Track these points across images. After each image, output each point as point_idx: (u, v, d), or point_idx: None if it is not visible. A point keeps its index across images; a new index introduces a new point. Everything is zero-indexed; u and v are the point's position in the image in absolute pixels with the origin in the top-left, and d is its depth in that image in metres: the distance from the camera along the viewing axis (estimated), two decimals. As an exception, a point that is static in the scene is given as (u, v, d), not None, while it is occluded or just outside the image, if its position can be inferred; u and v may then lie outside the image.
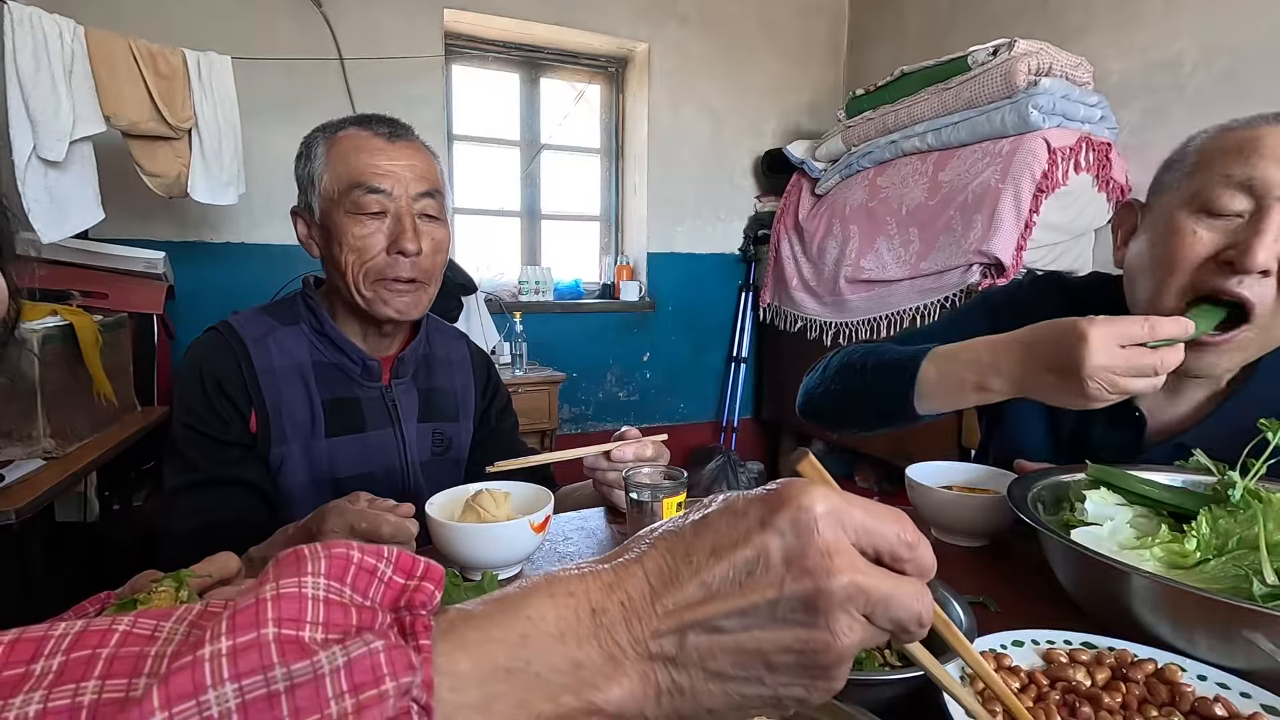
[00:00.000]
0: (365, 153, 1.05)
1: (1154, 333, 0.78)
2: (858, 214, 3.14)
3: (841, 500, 0.34)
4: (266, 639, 0.27)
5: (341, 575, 0.32)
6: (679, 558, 0.34)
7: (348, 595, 0.31)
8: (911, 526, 0.35)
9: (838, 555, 0.32)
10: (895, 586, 0.33)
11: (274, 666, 0.27)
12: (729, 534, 0.34)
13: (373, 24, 3.04)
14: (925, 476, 1.01)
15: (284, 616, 0.28)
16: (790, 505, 0.33)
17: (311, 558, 0.32)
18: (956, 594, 0.70)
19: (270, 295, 2.44)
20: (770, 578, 0.32)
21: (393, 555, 0.34)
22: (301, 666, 0.27)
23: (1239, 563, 0.67)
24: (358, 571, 0.32)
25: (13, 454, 1.72)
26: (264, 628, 0.28)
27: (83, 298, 2.21)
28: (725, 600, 0.33)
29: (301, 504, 1.04)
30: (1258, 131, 0.82)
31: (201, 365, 1.04)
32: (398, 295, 1.08)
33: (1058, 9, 2.91)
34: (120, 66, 2.14)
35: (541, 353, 3.36)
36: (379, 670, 0.28)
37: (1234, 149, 0.82)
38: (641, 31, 3.59)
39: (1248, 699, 0.57)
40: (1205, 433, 0.91)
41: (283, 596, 0.29)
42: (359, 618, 0.30)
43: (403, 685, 0.28)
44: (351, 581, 0.32)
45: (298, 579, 0.30)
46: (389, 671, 0.28)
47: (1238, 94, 2.36)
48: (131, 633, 0.30)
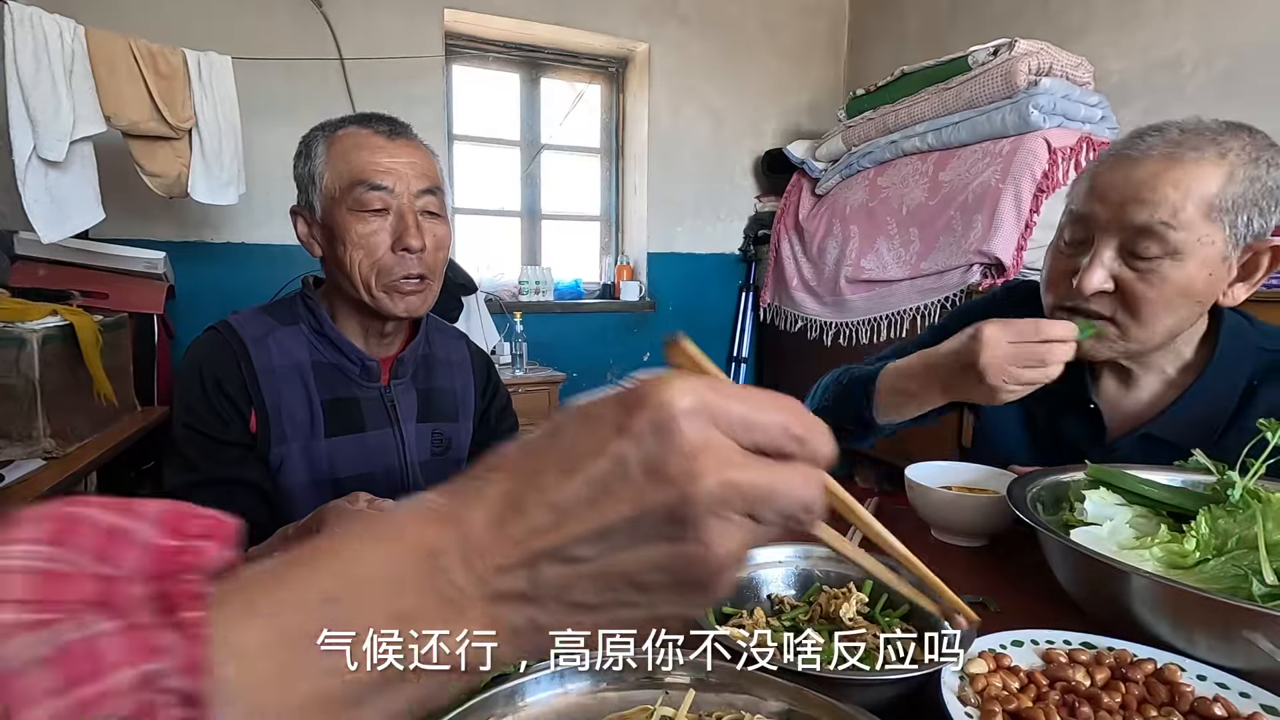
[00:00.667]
0: (366, 150, 1.05)
1: (1039, 332, 0.89)
2: (858, 214, 3.14)
3: (711, 392, 0.29)
4: None
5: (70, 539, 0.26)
6: (526, 479, 0.29)
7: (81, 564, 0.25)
8: (802, 416, 0.31)
9: (703, 454, 0.27)
10: (774, 476, 0.29)
11: None
12: (582, 445, 0.29)
13: (373, 24, 3.04)
14: (925, 476, 1.01)
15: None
16: (650, 404, 0.28)
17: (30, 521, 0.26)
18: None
19: (270, 295, 2.44)
20: (628, 491, 0.28)
21: (154, 512, 0.28)
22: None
23: (1238, 563, 0.67)
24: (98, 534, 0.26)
25: (13, 454, 1.72)
26: None
27: (83, 298, 2.21)
28: (579, 523, 0.28)
29: (301, 504, 1.04)
30: (1098, 170, 0.91)
31: (201, 365, 1.04)
32: (406, 296, 1.08)
33: (1058, 9, 2.91)
34: (120, 66, 2.14)
35: (542, 353, 3.36)
36: (100, 659, 0.23)
37: (1083, 187, 0.92)
38: (642, 31, 3.59)
39: (1247, 699, 0.57)
40: (1166, 423, 0.97)
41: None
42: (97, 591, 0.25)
43: (143, 674, 0.23)
44: (93, 548, 0.26)
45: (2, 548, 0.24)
46: (119, 659, 0.23)
47: (1238, 93, 2.36)
48: None
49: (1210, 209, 0.83)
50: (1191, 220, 0.83)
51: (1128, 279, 0.88)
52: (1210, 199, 0.83)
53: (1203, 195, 0.83)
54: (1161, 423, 0.97)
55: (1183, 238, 0.84)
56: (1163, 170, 0.84)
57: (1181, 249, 0.84)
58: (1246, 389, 0.93)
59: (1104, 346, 0.94)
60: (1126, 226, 0.86)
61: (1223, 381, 0.94)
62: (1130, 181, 0.86)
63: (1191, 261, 0.85)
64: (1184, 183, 0.83)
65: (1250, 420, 0.82)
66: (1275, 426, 0.74)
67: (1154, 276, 0.86)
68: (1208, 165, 0.83)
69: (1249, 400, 0.92)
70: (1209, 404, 0.94)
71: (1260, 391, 0.92)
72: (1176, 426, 0.95)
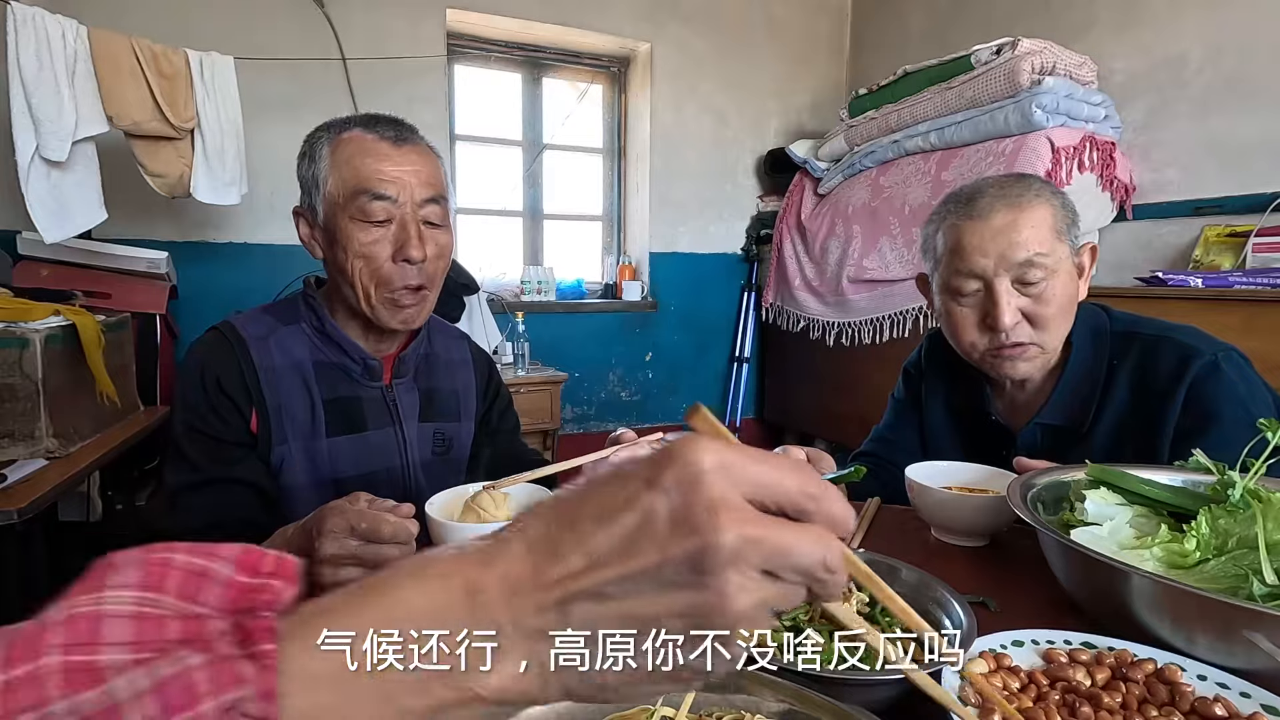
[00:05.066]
0: (371, 157, 1.03)
1: None
2: (860, 213, 3.13)
3: (733, 453, 0.31)
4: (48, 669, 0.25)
5: (158, 584, 0.29)
6: (563, 526, 0.32)
7: (168, 605, 0.29)
8: (816, 478, 0.33)
9: (725, 510, 0.30)
10: (794, 535, 0.31)
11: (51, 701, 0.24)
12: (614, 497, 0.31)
13: (375, 24, 3.04)
14: (925, 476, 1.01)
15: (72, 641, 0.26)
16: (676, 462, 0.31)
17: (121, 567, 0.29)
18: (956, 594, 0.69)
19: (272, 295, 2.44)
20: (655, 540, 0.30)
21: (232, 554, 0.31)
22: (90, 697, 0.24)
23: (1239, 563, 0.67)
24: (184, 576, 0.30)
25: (15, 454, 1.72)
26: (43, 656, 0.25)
27: (85, 297, 2.22)
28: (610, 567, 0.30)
29: (302, 503, 1.04)
30: (959, 232, 1.10)
31: (203, 365, 1.04)
32: (403, 309, 1.07)
33: (1061, 7, 2.91)
34: (123, 67, 2.15)
35: (544, 353, 3.36)
36: (194, 690, 0.25)
37: (954, 249, 1.10)
38: (644, 31, 3.59)
39: (1248, 699, 0.57)
40: (1051, 410, 1.13)
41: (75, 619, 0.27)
42: (183, 630, 0.28)
43: (225, 702, 0.26)
44: (178, 589, 0.29)
45: (97, 595, 0.28)
46: (208, 689, 0.26)
47: (1242, 92, 2.36)
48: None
49: (1055, 232, 1.07)
50: (1051, 245, 1.06)
51: (1027, 305, 1.08)
52: (1053, 225, 1.07)
53: (1049, 225, 1.06)
54: (1047, 411, 1.14)
55: (1051, 260, 1.06)
56: (1015, 217, 1.06)
57: (1055, 270, 1.06)
58: (1109, 367, 1.11)
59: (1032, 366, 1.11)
60: (1012, 265, 1.06)
61: (1087, 365, 1.12)
62: (998, 232, 1.06)
63: (1063, 275, 1.07)
64: (1034, 221, 1.06)
65: (1118, 392, 1.08)
66: (1275, 426, 0.74)
67: (1046, 295, 1.07)
68: (1039, 204, 1.07)
69: (1113, 376, 1.10)
70: (1080, 385, 1.12)
71: (1119, 366, 1.10)
72: (1059, 411, 1.13)
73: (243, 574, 0.31)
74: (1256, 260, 2.23)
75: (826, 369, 3.42)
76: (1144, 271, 2.41)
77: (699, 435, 0.32)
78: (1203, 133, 2.48)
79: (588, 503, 0.32)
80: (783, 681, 0.53)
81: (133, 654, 0.26)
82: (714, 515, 0.29)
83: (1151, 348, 1.08)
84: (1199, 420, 1.00)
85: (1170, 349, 1.06)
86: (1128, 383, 1.08)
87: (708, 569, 0.29)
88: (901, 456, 1.27)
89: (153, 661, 0.26)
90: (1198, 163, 2.50)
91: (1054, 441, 1.14)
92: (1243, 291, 2.02)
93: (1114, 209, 2.66)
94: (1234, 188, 2.40)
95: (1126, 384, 1.08)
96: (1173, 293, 2.17)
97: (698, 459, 0.30)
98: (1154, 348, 1.08)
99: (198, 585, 0.30)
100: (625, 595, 0.30)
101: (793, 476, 0.32)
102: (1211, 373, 1.01)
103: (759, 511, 0.31)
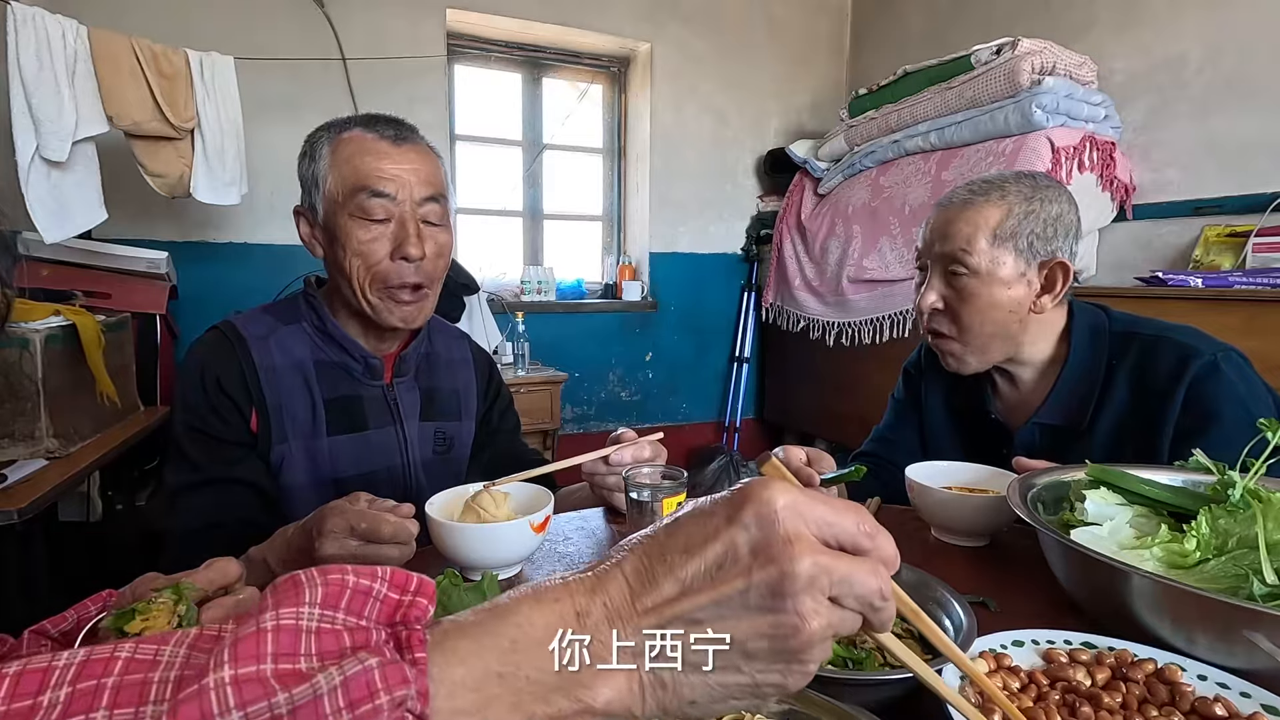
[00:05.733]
0: (371, 156, 1.04)
1: None
2: (860, 213, 3.13)
3: (801, 495, 0.36)
4: (266, 672, 0.29)
5: (336, 602, 0.34)
6: (655, 559, 0.36)
7: (340, 620, 0.33)
8: (870, 519, 0.37)
9: (799, 542, 0.34)
10: (854, 565, 0.35)
11: (276, 693, 0.29)
12: (699, 533, 0.36)
13: (375, 24, 3.04)
14: (925, 476, 1.01)
15: (280, 651, 0.30)
16: (754, 501, 0.35)
17: (309, 585, 0.34)
18: (956, 594, 0.69)
19: (273, 295, 2.44)
20: (739, 568, 0.34)
21: (387, 574, 0.36)
22: (302, 690, 0.29)
23: (1239, 562, 0.67)
24: (353, 594, 0.34)
25: (16, 454, 1.72)
26: (263, 662, 0.30)
27: (85, 298, 2.22)
28: (699, 594, 0.35)
29: (302, 503, 1.04)
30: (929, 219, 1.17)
31: (203, 364, 1.04)
32: (402, 305, 1.08)
33: (1061, 7, 2.91)
34: (123, 67, 2.15)
35: (544, 352, 3.36)
36: (374, 685, 0.29)
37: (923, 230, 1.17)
38: (644, 31, 3.59)
39: (1248, 699, 0.57)
40: (1049, 409, 1.14)
41: (281, 629, 0.31)
42: (352, 639, 0.32)
43: (397, 698, 0.30)
44: (347, 605, 0.34)
45: (295, 609, 0.32)
46: (383, 686, 0.30)
47: (1242, 92, 2.36)
48: (134, 659, 0.31)
49: (995, 236, 1.08)
50: (981, 247, 1.09)
51: (950, 297, 1.13)
52: (993, 228, 1.08)
53: (987, 227, 1.08)
54: (1045, 410, 1.15)
55: (976, 261, 1.09)
56: (959, 213, 1.11)
57: (979, 270, 1.09)
58: (1108, 367, 1.11)
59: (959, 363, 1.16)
60: (939, 257, 1.13)
61: (1085, 364, 1.13)
62: (941, 223, 1.14)
63: (990, 279, 1.09)
64: (974, 220, 1.09)
65: (1118, 392, 1.08)
66: (1275, 426, 0.74)
67: (966, 293, 1.11)
68: (990, 206, 1.09)
69: (1112, 376, 1.10)
70: (1078, 385, 1.12)
71: (1118, 366, 1.10)
72: (1057, 410, 1.14)
73: (395, 591, 0.35)
74: (1256, 260, 2.23)
75: (826, 369, 3.42)
76: (1144, 271, 2.41)
77: (770, 478, 0.37)
78: (1203, 133, 2.48)
79: (676, 537, 0.37)
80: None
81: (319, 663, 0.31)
82: (789, 547, 0.34)
83: (1151, 348, 1.08)
84: (1199, 420, 1.00)
85: (1170, 349, 1.06)
86: (1127, 383, 1.09)
87: (787, 593, 0.34)
88: (901, 456, 1.27)
89: (341, 660, 0.30)
90: (1198, 163, 2.50)
91: (1052, 440, 1.15)
92: (1243, 291, 2.02)
93: (1114, 209, 2.66)
94: (1234, 188, 2.40)
95: (1126, 384, 1.09)
96: (1173, 293, 2.17)
97: (772, 498, 0.35)
98: (1153, 348, 1.08)
99: (363, 602, 0.34)
100: (714, 619, 0.35)
101: (851, 517, 0.37)
102: (1211, 373, 1.02)
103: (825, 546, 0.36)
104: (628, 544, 0.38)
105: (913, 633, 0.66)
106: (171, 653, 0.32)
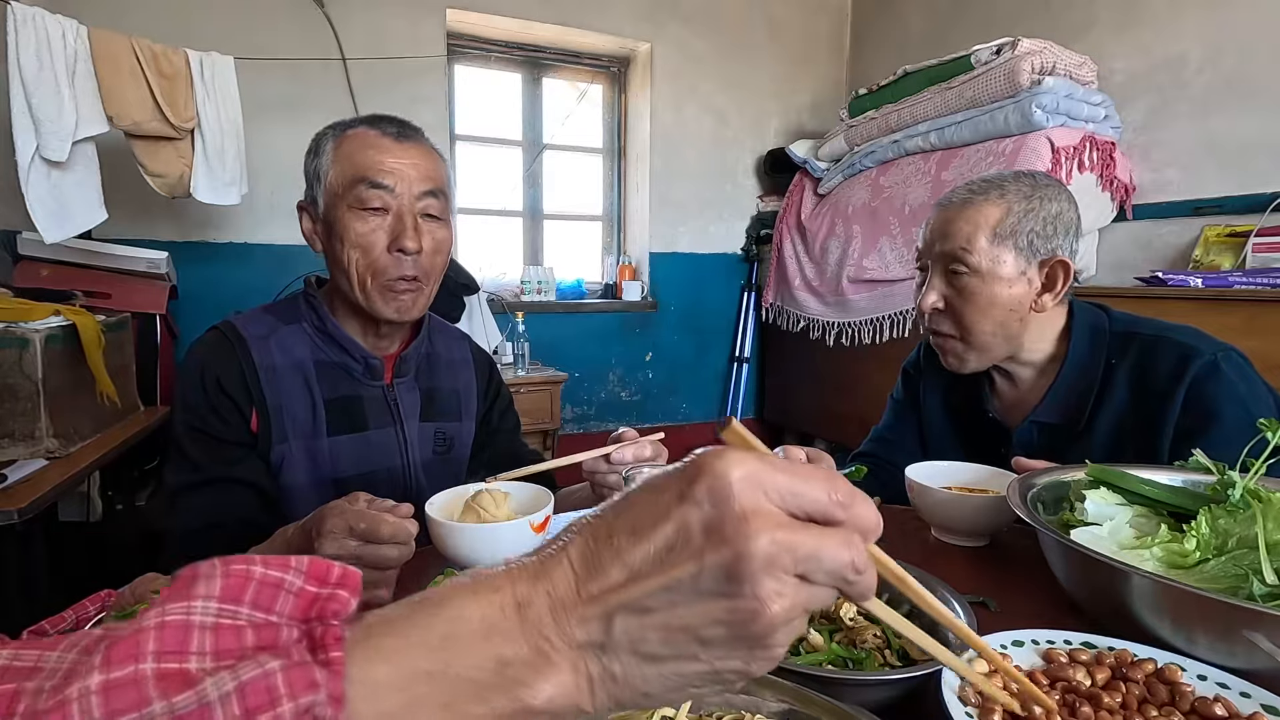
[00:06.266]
0: (372, 149, 1.05)
1: None
2: (860, 213, 3.13)
3: (761, 464, 0.32)
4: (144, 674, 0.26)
5: (238, 595, 0.31)
6: (601, 541, 0.33)
7: (245, 615, 0.30)
8: (845, 485, 0.34)
9: (755, 518, 0.31)
10: (821, 538, 0.32)
11: (151, 701, 0.26)
12: (649, 511, 0.32)
13: (375, 24, 3.04)
14: (925, 476, 1.01)
15: (165, 649, 0.27)
16: (707, 473, 0.31)
17: (205, 578, 0.31)
18: (956, 594, 0.69)
19: (273, 295, 2.44)
20: (690, 550, 0.31)
21: (303, 564, 0.33)
22: (185, 699, 0.26)
23: (1239, 562, 0.67)
24: (260, 587, 0.31)
25: (16, 454, 1.72)
26: (142, 661, 0.27)
27: (85, 298, 2.22)
28: (648, 579, 0.31)
29: (302, 503, 1.04)
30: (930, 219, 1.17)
31: (203, 364, 1.04)
32: (397, 297, 1.08)
33: (1061, 7, 2.91)
34: (123, 67, 2.15)
35: (544, 353, 3.36)
36: (275, 691, 0.27)
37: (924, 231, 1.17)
38: (644, 31, 3.59)
39: (1248, 699, 0.57)
40: (1047, 408, 1.14)
41: (167, 626, 0.28)
42: (257, 637, 0.29)
43: (303, 704, 0.27)
44: (252, 599, 0.31)
45: (187, 604, 0.29)
46: (286, 691, 0.27)
47: (1242, 92, 2.36)
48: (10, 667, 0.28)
49: (994, 235, 1.08)
50: (981, 246, 1.09)
51: (951, 297, 1.13)
52: (993, 227, 1.08)
53: (987, 225, 1.09)
54: (1043, 409, 1.15)
55: (977, 259, 1.09)
56: (958, 213, 1.11)
57: (979, 269, 1.09)
58: (1107, 366, 1.11)
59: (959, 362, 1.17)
60: (940, 256, 1.13)
61: (1084, 363, 1.13)
62: (941, 223, 1.14)
63: (991, 278, 1.09)
64: (973, 219, 1.10)
65: (1116, 392, 1.09)
66: (1275, 426, 0.74)
67: (967, 292, 1.11)
68: (989, 205, 1.09)
69: (1111, 375, 1.10)
70: (1076, 384, 1.12)
71: (1118, 366, 1.10)
72: (1054, 409, 1.14)
73: (312, 584, 0.32)
74: (1256, 260, 2.23)
75: (826, 369, 3.42)
76: (1144, 271, 2.41)
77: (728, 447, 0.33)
78: (1203, 133, 2.48)
79: (623, 517, 0.33)
80: (783, 681, 0.53)
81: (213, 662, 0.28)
82: (745, 524, 0.30)
83: (1151, 347, 1.08)
84: (1199, 420, 1.00)
85: (1169, 349, 1.06)
86: (1127, 382, 1.09)
87: (743, 576, 0.30)
88: (901, 456, 1.27)
89: (236, 665, 0.27)
90: (1198, 163, 2.50)
91: (1050, 439, 1.15)
92: (1243, 291, 2.02)
93: (1114, 209, 2.66)
94: (1234, 188, 2.40)
95: (1126, 384, 1.09)
96: (1173, 293, 2.17)
97: (726, 470, 0.31)
98: (1153, 347, 1.08)
99: (273, 595, 0.31)
100: (665, 606, 0.31)
101: (821, 484, 0.33)
102: (1211, 372, 1.02)
103: (789, 518, 0.32)
104: (576, 525, 0.35)
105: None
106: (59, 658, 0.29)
